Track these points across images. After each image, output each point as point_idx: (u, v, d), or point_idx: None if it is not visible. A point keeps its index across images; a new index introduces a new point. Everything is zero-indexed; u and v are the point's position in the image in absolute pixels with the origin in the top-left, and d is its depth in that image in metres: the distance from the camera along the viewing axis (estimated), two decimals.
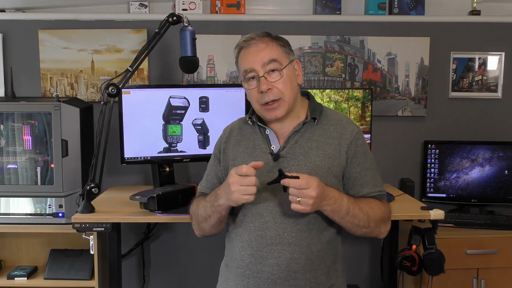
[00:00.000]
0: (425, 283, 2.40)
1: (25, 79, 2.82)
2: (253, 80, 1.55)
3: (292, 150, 1.56)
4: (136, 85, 2.74)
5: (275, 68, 1.54)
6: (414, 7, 2.84)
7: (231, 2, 2.79)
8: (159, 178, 2.49)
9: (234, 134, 1.67)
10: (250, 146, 1.61)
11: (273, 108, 1.54)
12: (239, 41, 1.60)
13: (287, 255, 1.49)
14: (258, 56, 1.54)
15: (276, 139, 1.59)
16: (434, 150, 2.79)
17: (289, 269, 1.50)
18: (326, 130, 1.58)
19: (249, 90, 1.57)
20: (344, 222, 1.50)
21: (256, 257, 1.51)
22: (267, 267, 1.50)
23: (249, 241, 1.53)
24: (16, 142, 2.48)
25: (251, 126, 1.65)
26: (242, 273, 1.54)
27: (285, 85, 1.54)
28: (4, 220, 2.45)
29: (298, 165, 1.53)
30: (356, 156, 1.56)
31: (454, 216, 2.71)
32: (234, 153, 1.63)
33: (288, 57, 1.58)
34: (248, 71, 1.55)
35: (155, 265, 2.97)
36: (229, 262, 1.61)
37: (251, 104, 1.61)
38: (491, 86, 2.92)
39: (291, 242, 1.49)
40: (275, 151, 1.57)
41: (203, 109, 2.55)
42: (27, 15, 2.79)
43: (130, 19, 2.80)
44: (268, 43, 1.56)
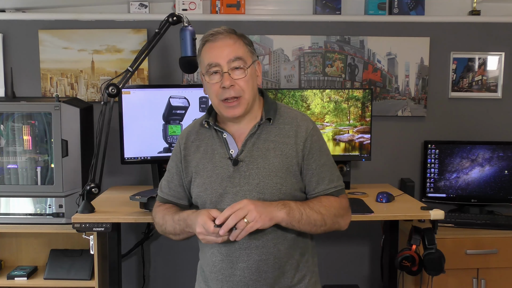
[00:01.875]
0: (425, 283, 2.40)
1: (25, 79, 2.82)
2: (215, 75, 1.54)
3: (250, 153, 1.55)
4: (136, 85, 2.74)
5: (240, 66, 1.53)
6: (414, 7, 2.84)
7: (231, 2, 2.79)
8: (159, 178, 2.49)
9: (191, 139, 1.65)
10: (209, 151, 1.60)
11: (232, 106, 1.53)
12: (206, 33, 1.58)
13: (256, 257, 1.52)
14: (224, 52, 1.53)
15: (234, 143, 1.58)
16: (434, 150, 2.79)
17: (259, 270, 1.52)
18: (281, 129, 1.58)
19: (210, 84, 1.55)
20: (302, 225, 1.50)
21: (227, 262, 1.54)
22: (238, 270, 1.53)
23: (219, 247, 1.54)
24: (16, 142, 2.48)
25: (208, 130, 1.63)
26: (215, 277, 1.57)
27: (247, 84, 1.53)
28: (4, 220, 2.45)
29: (257, 168, 1.53)
30: (312, 153, 1.56)
31: (454, 216, 2.71)
32: (195, 159, 1.61)
33: (252, 57, 1.58)
34: (212, 65, 1.54)
35: (155, 265, 2.97)
36: (203, 265, 1.64)
37: (210, 99, 1.60)
38: (491, 86, 2.92)
39: (259, 245, 1.51)
40: (233, 156, 1.56)
41: (203, 109, 2.55)
42: (27, 15, 2.79)
43: (130, 19, 2.80)
44: (236, 40, 1.55)
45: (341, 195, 1.60)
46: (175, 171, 1.66)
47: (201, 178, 1.58)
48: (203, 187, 1.57)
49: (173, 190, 1.68)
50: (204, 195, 1.56)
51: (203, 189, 1.57)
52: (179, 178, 1.65)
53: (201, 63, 1.59)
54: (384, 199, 2.35)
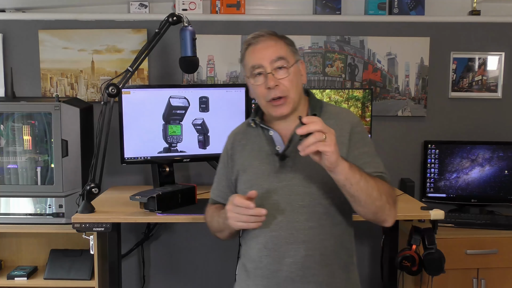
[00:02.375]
0: (425, 283, 2.40)
1: (25, 79, 2.82)
2: (259, 76, 1.56)
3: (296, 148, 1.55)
4: (136, 85, 2.75)
5: (283, 66, 1.55)
6: (414, 7, 2.84)
7: (231, 2, 2.79)
8: (159, 178, 2.49)
9: (238, 139, 1.68)
10: (255, 149, 1.62)
11: (279, 105, 1.55)
12: (247, 37, 1.60)
13: (302, 252, 1.51)
14: (266, 53, 1.55)
15: (281, 140, 1.59)
16: (434, 150, 2.79)
17: (305, 266, 1.51)
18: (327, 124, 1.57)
19: (255, 86, 1.57)
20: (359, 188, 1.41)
21: (273, 257, 1.53)
22: (284, 266, 1.52)
23: (265, 242, 1.54)
24: (16, 142, 2.48)
25: (255, 129, 1.66)
26: (261, 274, 1.56)
27: (291, 83, 1.55)
28: (4, 220, 2.45)
29: (304, 163, 1.53)
30: (355, 142, 1.56)
31: (454, 216, 2.71)
32: (242, 158, 1.64)
33: (295, 56, 1.60)
34: (256, 66, 1.56)
35: (155, 265, 2.97)
36: (247, 263, 1.63)
37: (257, 100, 1.62)
38: (491, 86, 2.92)
39: (305, 239, 1.51)
40: (280, 151, 1.57)
41: (203, 109, 2.55)
42: (27, 15, 2.79)
43: (130, 19, 2.80)
44: (277, 41, 1.58)
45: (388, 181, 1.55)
46: (223, 172, 1.70)
47: (247, 175, 1.60)
48: (249, 184, 1.58)
49: (222, 192, 1.71)
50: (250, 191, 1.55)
51: (249, 185, 1.58)
52: (227, 179, 1.69)
53: (245, 66, 1.62)
54: None
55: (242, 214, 1.44)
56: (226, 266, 2.93)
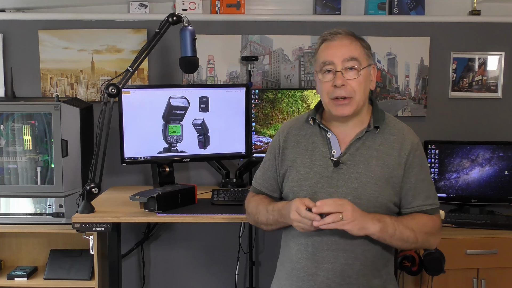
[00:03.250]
0: (425, 283, 2.40)
1: (25, 79, 2.82)
2: (328, 73, 1.54)
3: (352, 157, 1.55)
4: (136, 85, 2.74)
5: (354, 67, 1.53)
6: (414, 7, 2.84)
7: (231, 2, 2.79)
8: (159, 178, 2.49)
9: (292, 134, 1.66)
10: (309, 148, 1.60)
11: (342, 105, 1.53)
12: (324, 33, 1.58)
13: (342, 261, 1.50)
14: (340, 51, 1.53)
15: (337, 144, 1.57)
16: (434, 150, 2.79)
17: (343, 275, 1.51)
18: (387, 139, 1.57)
19: (323, 81, 1.55)
20: (394, 240, 1.49)
21: (312, 261, 1.53)
22: (322, 271, 1.52)
23: (306, 244, 1.54)
24: (16, 142, 2.48)
25: (311, 127, 1.63)
26: (297, 275, 1.56)
27: (359, 85, 1.53)
28: (4, 220, 2.45)
29: (357, 173, 1.52)
30: (413, 167, 1.54)
31: (454, 216, 2.71)
32: (293, 154, 1.62)
33: (368, 59, 1.58)
34: (327, 63, 1.54)
35: (155, 265, 2.97)
36: (285, 261, 1.63)
37: (321, 97, 1.60)
38: (491, 86, 2.92)
39: (347, 248, 1.50)
40: (335, 156, 1.56)
41: (203, 109, 2.55)
42: (27, 15, 2.79)
43: (130, 19, 2.80)
44: (353, 40, 1.56)
45: (435, 214, 1.58)
46: (271, 163, 1.68)
47: (297, 173, 1.58)
48: (298, 182, 1.57)
49: (267, 182, 1.69)
50: (299, 190, 1.56)
51: (298, 184, 1.57)
52: (274, 171, 1.67)
53: (316, 61, 1.60)
54: None
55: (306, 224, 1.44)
56: (226, 266, 2.93)
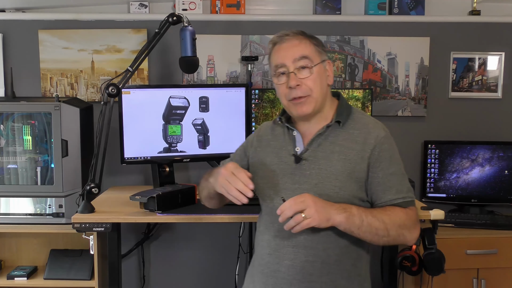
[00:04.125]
0: (425, 283, 2.40)
1: (25, 79, 2.82)
2: (283, 76, 1.56)
3: (314, 153, 1.55)
4: (136, 85, 2.74)
5: (306, 65, 1.54)
6: (414, 7, 2.84)
7: (231, 2, 2.79)
8: (159, 178, 2.49)
9: (266, 133, 1.70)
10: (278, 146, 1.63)
11: (300, 103, 1.54)
12: (273, 36, 1.60)
13: (303, 258, 1.50)
14: (290, 52, 1.54)
15: (301, 141, 1.59)
16: (434, 150, 2.79)
17: (304, 272, 1.50)
18: (351, 134, 1.56)
19: (278, 85, 1.57)
20: (361, 232, 1.46)
21: (274, 257, 1.54)
22: (283, 267, 1.52)
23: (269, 240, 1.55)
24: (16, 142, 2.48)
25: (281, 127, 1.67)
26: (262, 271, 1.57)
27: (314, 83, 1.53)
28: (4, 220, 2.45)
29: (318, 169, 1.53)
30: (379, 161, 1.53)
31: (454, 216, 2.71)
32: (265, 152, 1.65)
33: (320, 56, 1.58)
34: (279, 66, 1.55)
35: (155, 265, 2.97)
36: (254, 258, 1.65)
37: (280, 100, 1.62)
38: (491, 86, 2.92)
39: (307, 245, 1.50)
40: (298, 153, 1.57)
41: (203, 109, 2.55)
42: (27, 15, 2.79)
43: (130, 19, 2.80)
44: (302, 40, 1.56)
45: (409, 206, 1.54)
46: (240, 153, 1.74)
47: (265, 171, 1.61)
48: (266, 179, 1.59)
49: None
50: (265, 187, 1.58)
51: (265, 181, 1.59)
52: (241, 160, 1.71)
53: (270, 66, 1.63)
54: None
55: (232, 185, 1.44)
56: (226, 266, 2.93)
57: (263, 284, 1.56)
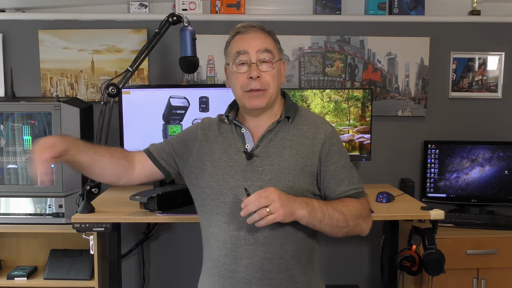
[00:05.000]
0: (425, 283, 2.40)
1: (25, 79, 2.82)
2: (243, 66, 1.55)
3: (265, 149, 1.56)
4: (136, 85, 2.74)
5: (268, 59, 1.55)
6: (414, 7, 2.84)
7: (231, 2, 2.79)
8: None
9: (212, 129, 1.66)
10: (225, 144, 1.61)
11: (256, 96, 1.54)
12: (237, 26, 1.60)
13: (261, 255, 1.50)
14: (254, 42, 1.55)
15: (251, 138, 1.59)
16: (434, 150, 2.79)
17: (263, 269, 1.50)
18: (300, 129, 1.58)
19: (237, 73, 1.56)
20: (323, 225, 1.48)
21: (231, 257, 1.52)
22: (241, 267, 1.50)
23: (224, 241, 1.53)
24: (16, 142, 2.48)
25: (227, 124, 1.65)
26: (218, 273, 1.54)
27: (273, 78, 1.55)
28: (4, 220, 2.45)
29: (271, 164, 1.53)
30: (330, 155, 1.56)
31: (454, 216, 2.71)
32: (211, 149, 1.62)
33: (279, 54, 1.61)
34: (241, 52, 1.54)
35: (155, 265, 2.97)
36: (207, 261, 1.62)
37: (233, 90, 1.60)
38: (491, 86, 2.92)
39: (265, 242, 1.49)
40: (249, 150, 1.57)
41: (203, 109, 2.55)
42: (27, 15, 2.79)
43: (130, 19, 2.80)
44: (266, 35, 1.59)
45: (362, 197, 1.59)
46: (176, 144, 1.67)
47: (214, 168, 1.58)
48: (215, 178, 1.57)
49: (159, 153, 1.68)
50: (216, 185, 1.56)
51: (215, 179, 1.57)
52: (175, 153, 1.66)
53: (228, 54, 1.61)
54: (384, 199, 2.35)
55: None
56: None
57: (220, 286, 1.53)
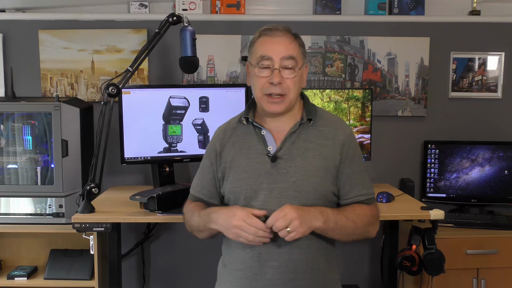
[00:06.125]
0: (425, 283, 2.40)
1: (25, 79, 2.82)
2: (265, 70, 1.55)
3: (289, 151, 1.56)
4: (136, 85, 2.74)
5: (291, 66, 1.54)
6: (414, 7, 2.84)
7: (231, 2, 2.79)
8: (159, 178, 2.49)
9: (227, 136, 1.65)
10: (245, 147, 1.60)
11: (276, 102, 1.54)
12: (263, 27, 1.58)
13: (287, 257, 1.51)
14: (278, 48, 1.54)
15: (273, 140, 1.58)
16: (434, 150, 2.79)
17: (289, 271, 1.51)
18: (321, 131, 1.59)
19: (258, 76, 1.55)
20: (335, 234, 1.52)
21: (257, 259, 1.52)
22: (268, 269, 1.51)
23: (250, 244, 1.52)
24: (16, 142, 2.48)
25: (245, 126, 1.64)
26: (242, 275, 1.54)
27: (294, 84, 1.55)
28: (4, 220, 2.45)
29: (295, 166, 1.53)
30: (348, 158, 1.57)
31: (454, 216, 2.71)
32: (230, 155, 1.61)
33: (303, 59, 1.60)
34: (265, 57, 1.54)
35: (155, 265, 2.97)
36: (228, 263, 1.61)
37: (253, 90, 1.60)
38: (491, 86, 2.92)
39: (291, 244, 1.50)
40: (272, 152, 1.56)
41: (203, 109, 2.55)
42: (27, 15, 2.79)
43: (130, 19, 2.80)
44: (293, 40, 1.57)
45: (372, 203, 1.62)
46: (208, 169, 1.67)
47: (235, 174, 1.58)
48: (237, 183, 1.57)
49: (205, 188, 1.68)
50: (239, 190, 1.56)
51: (238, 184, 1.57)
52: (212, 177, 1.66)
53: (252, 53, 1.60)
54: (384, 199, 2.35)
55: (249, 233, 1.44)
56: None
57: None
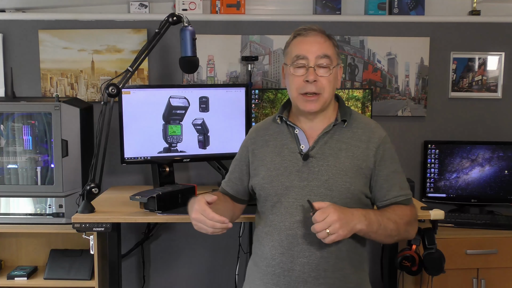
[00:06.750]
0: (425, 283, 2.40)
1: (25, 79, 2.82)
2: (301, 69, 1.57)
3: (321, 150, 1.57)
4: (136, 85, 2.74)
5: (326, 64, 1.56)
6: (414, 7, 2.84)
7: (231, 2, 2.79)
8: (159, 178, 2.49)
9: (261, 134, 1.69)
10: (278, 145, 1.63)
11: (311, 101, 1.56)
12: (298, 28, 1.62)
13: (318, 254, 1.52)
14: (314, 47, 1.56)
15: (306, 139, 1.60)
16: (434, 150, 2.79)
17: (319, 268, 1.52)
18: (355, 133, 1.60)
19: (294, 75, 1.57)
20: (378, 236, 1.51)
21: (287, 256, 1.53)
22: (298, 265, 1.52)
23: (280, 240, 1.55)
24: (16, 142, 2.48)
25: (279, 125, 1.66)
26: (272, 271, 1.56)
27: (329, 83, 1.56)
28: (4, 220, 2.45)
29: (327, 165, 1.54)
30: (384, 160, 1.58)
31: (454, 216, 2.71)
32: (263, 153, 1.64)
33: (338, 59, 1.62)
34: (300, 57, 1.56)
35: (155, 265, 2.97)
36: (259, 261, 1.62)
37: (288, 91, 1.62)
38: (491, 86, 2.92)
39: (321, 241, 1.49)
40: (304, 151, 1.58)
41: (203, 109, 2.55)
42: (27, 15, 2.79)
43: (130, 19, 2.80)
44: (326, 39, 1.60)
45: (410, 204, 1.62)
46: (238, 164, 1.72)
47: (267, 171, 1.60)
48: (269, 179, 1.59)
49: (232, 182, 1.73)
50: (270, 187, 1.58)
51: (269, 181, 1.59)
52: (240, 172, 1.70)
53: (287, 54, 1.62)
54: None
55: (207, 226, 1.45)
56: (226, 266, 2.93)
57: (274, 285, 1.55)
